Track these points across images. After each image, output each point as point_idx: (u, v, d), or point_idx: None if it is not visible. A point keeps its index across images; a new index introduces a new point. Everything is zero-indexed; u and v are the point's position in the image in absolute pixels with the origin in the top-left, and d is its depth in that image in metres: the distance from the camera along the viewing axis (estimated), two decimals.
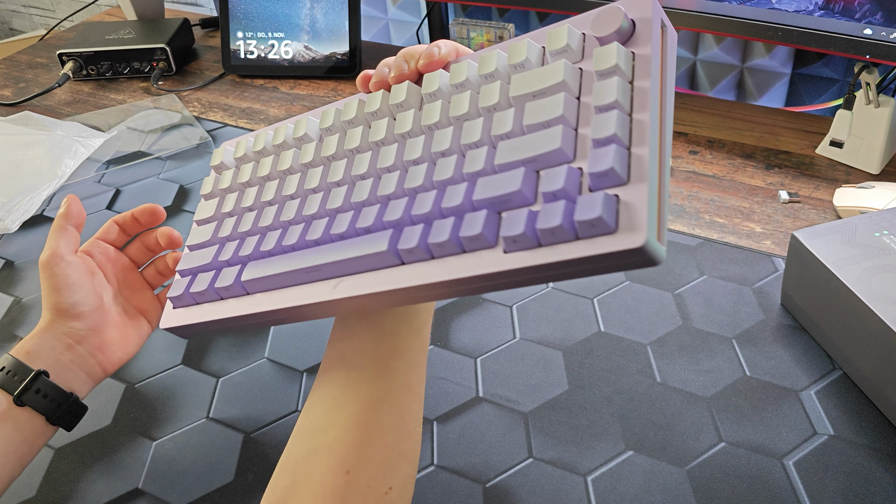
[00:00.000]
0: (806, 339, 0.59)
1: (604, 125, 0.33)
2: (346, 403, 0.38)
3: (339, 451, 0.37)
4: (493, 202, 0.35)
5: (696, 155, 0.83)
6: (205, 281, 0.47)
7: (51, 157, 0.89)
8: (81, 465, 0.54)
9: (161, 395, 0.59)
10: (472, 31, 0.96)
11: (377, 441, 0.37)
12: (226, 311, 0.46)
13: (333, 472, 0.36)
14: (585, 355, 0.59)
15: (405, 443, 0.39)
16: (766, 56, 0.95)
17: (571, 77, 0.36)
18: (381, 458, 0.37)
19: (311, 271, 0.41)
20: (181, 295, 0.48)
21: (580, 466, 0.51)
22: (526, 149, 0.35)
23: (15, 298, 0.70)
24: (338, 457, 0.36)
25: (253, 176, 0.50)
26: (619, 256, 0.30)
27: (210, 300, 0.47)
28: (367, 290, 0.38)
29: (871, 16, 0.68)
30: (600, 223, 0.30)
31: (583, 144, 0.34)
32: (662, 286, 0.65)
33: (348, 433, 0.37)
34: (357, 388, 0.39)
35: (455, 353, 0.60)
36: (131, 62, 1.10)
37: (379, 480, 0.37)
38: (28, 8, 1.91)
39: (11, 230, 0.79)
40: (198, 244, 0.50)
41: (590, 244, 0.31)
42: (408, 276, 0.37)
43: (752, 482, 0.49)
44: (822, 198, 0.75)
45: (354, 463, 0.36)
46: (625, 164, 0.32)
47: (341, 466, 0.36)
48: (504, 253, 0.34)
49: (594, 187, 0.32)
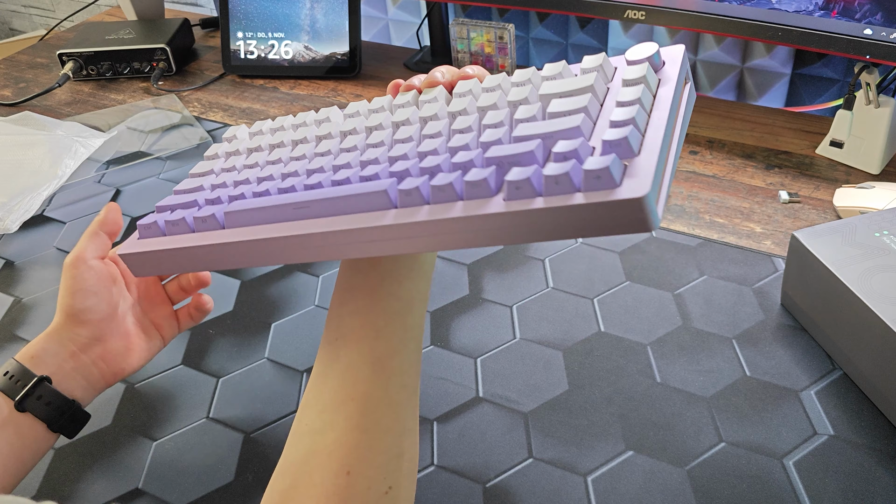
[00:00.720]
0: (806, 339, 0.59)
1: (624, 112, 0.34)
2: (343, 404, 0.38)
3: (339, 452, 0.37)
4: (503, 160, 0.34)
5: (696, 155, 0.83)
6: (182, 213, 0.44)
7: (51, 157, 0.89)
8: (81, 465, 0.54)
9: (161, 395, 0.59)
10: (472, 31, 0.96)
11: (376, 441, 0.37)
12: (193, 241, 0.43)
13: (334, 474, 0.36)
14: (585, 355, 0.59)
15: (404, 441, 0.39)
16: (766, 56, 0.95)
17: (600, 87, 0.37)
18: (380, 458, 0.37)
19: (300, 208, 0.39)
20: (150, 224, 0.45)
21: (580, 466, 0.51)
22: (545, 127, 0.35)
23: (15, 298, 0.70)
24: (338, 458, 0.36)
25: (263, 144, 0.48)
26: (617, 209, 0.30)
27: (181, 232, 0.44)
28: (352, 225, 0.37)
29: (871, 16, 0.68)
30: (606, 175, 0.30)
31: (600, 131, 0.35)
32: (662, 286, 0.65)
33: (347, 434, 0.37)
34: (353, 387, 0.39)
35: (455, 353, 0.60)
36: (131, 62, 1.10)
37: (379, 480, 0.37)
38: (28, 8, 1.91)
39: (11, 230, 0.79)
40: (186, 189, 0.48)
41: (591, 195, 0.31)
42: (398, 215, 0.36)
43: (752, 482, 0.49)
44: (822, 198, 0.75)
45: (354, 464, 0.36)
46: (637, 142, 0.33)
47: (342, 468, 0.36)
48: (505, 201, 0.33)
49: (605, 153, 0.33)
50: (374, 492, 0.36)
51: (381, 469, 0.37)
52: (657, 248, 0.69)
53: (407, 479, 0.38)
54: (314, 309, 0.66)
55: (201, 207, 0.45)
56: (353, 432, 0.37)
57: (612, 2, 0.82)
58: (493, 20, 1.12)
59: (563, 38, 1.08)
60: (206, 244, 0.42)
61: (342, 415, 0.38)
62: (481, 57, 0.98)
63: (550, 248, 0.70)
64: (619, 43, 1.04)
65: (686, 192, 0.77)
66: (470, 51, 0.98)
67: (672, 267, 0.67)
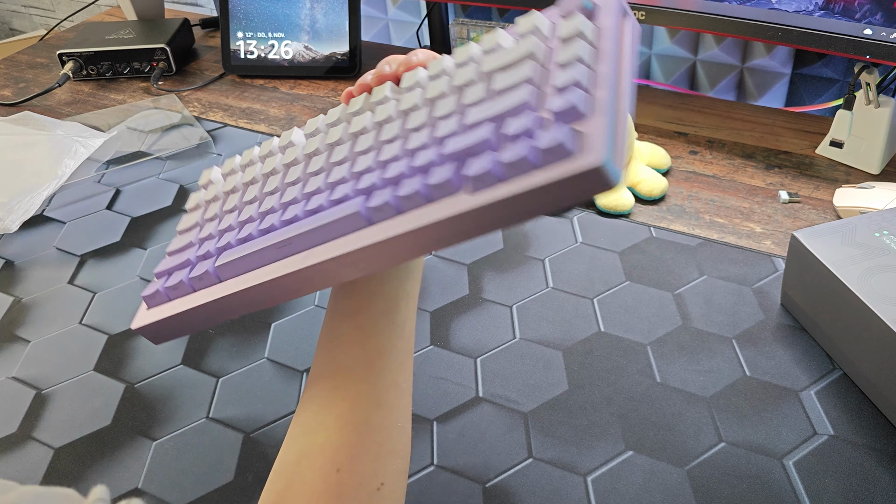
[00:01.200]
0: (806, 339, 0.59)
1: (567, 75, 0.34)
2: (334, 404, 0.39)
3: (330, 451, 0.37)
4: (460, 154, 0.35)
5: (696, 155, 0.83)
6: (179, 276, 0.46)
7: (51, 157, 0.89)
8: (81, 465, 0.54)
9: (161, 395, 0.59)
10: (472, 31, 0.96)
11: (366, 439, 0.38)
12: (197, 301, 0.44)
13: (325, 473, 0.36)
14: (585, 355, 0.59)
15: (395, 439, 0.39)
16: (766, 56, 0.95)
17: (539, 50, 0.38)
18: (371, 455, 0.38)
19: (283, 246, 0.40)
20: (154, 293, 0.47)
21: (580, 466, 0.51)
22: (494, 108, 0.36)
23: (15, 298, 0.70)
24: (328, 457, 0.37)
25: (238, 184, 0.49)
26: (579, 181, 0.31)
27: (183, 294, 0.46)
28: (336, 252, 0.38)
29: (872, 16, 0.68)
30: (560, 149, 0.31)
31: (549, 98, 0.35)
32: (662, 286, 0.65)
33: (337, 433, 0.38)
34: (344, 388, 0.39)
35: (455, 353, 0.60)
36: (131, 62, 1.10)
37: (370, 477, 0.37)
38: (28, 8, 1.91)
39: (11, 230, 0.79)
40: (177, 249, 0.49)
41: (551, 170, 0.32)
42: (376, 232, 0.37)
43: (752, 482, 0.49)
44: (822, 198, 0.75)
45: (345, 462, 0.37)
46: (586, 104, 0.33)
47: (332, 466, 0.36)
48: (471, 195, 0.34)
49: (557, 122, 0.33)
50: (365, 488, 0.37)
51: (372, 466, 0.37)
52: (657, 248, 0.69)
53: (398, 477, 0.39)
54: (314, 309, 0.66)
55: (194, 266, 0.46)
56: (344, 431, 0.38)
57: None
58: (494, 20, 1.12)
59: None
60: (208, 301, 0.43)
61: (333, 414, 0.38)
62: None
63: (550, 248, 0.70)
64: None
65: (686, 192, 0.77)
66: None
67: (672, 267, 0.67)
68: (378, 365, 0.40)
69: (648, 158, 0.78)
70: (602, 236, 0.71)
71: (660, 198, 0.76)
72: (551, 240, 0.71)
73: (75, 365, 0.62)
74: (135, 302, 0.69)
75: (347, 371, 0.40)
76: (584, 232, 0.72)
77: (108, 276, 0.72)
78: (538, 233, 0.72)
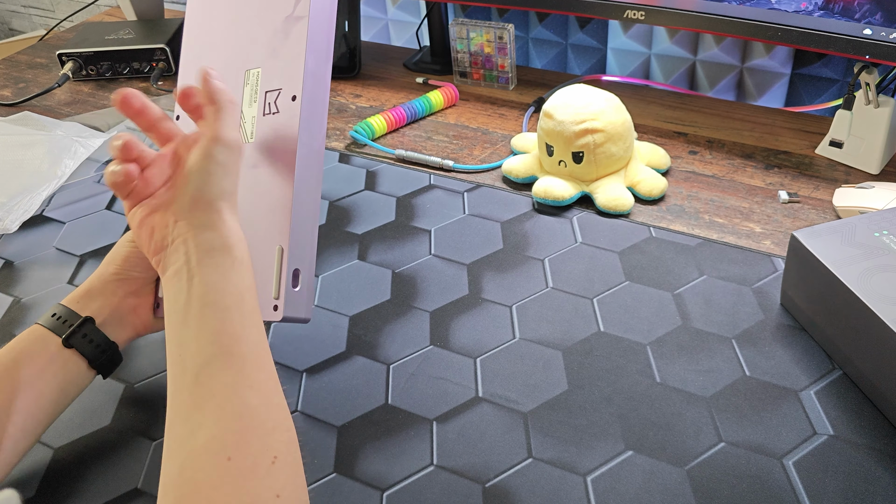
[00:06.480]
0: (806, 339, 0.59)
1: None
2: (204, 403, 0.40)
3: (215, 445, 0.38)
4: None
5: (695, 155, 0.83)
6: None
7: (50, 157, 0.88)
8: (81, 464, 0.54)
9: (161, 395, 0.59)
10: (471, 31, 0.96)
11: (249, 421, 0.39)
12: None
13: (216, 465, 0.37)
14: (585, 355, 0.59)
15: (274, 415, 0.41)
16: (766, 56, 0.95)
17: None
18: (257, 434, 0.39)
19: None
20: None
21: (580, 466, 0.51)
22: None
23: (15, 298, 0.70)
24: (216, 450, 0.38)
25: None
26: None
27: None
28: None
29: (871, 16, 0.68)
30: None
31: None
32: (662, 286, 0.65)
33: (218, 426, 0.39)
34: (210, 384, 0.40)
35: (455, 353, 0.60)
36: (131, 62, 1.10)
37: (261, 454, 0.38)
38: (28, 8, 1.91)
39: (11, 230, 0.79)
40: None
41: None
42: None
43: (752, 482, 0.49)
44: (822, 198, 0.75)
45: (233, 448, 0.38)
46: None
47: (222, 457, 0.37)
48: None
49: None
50: (260, 466, 0.38)
51: (261, 443, 0.39)
52: (657, 247, 0.69)
53: (289, 447, 0.41)
54: (313, 309, 0.66)
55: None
56: (224, 421, 0.39)
57: (612, 2, 0.82)
58: (493, 20, 1.12)
59: (563, 38, 1.08)
60: None
61: (208, 412, 0.39)
62: (481, 57, 0.98)
63: (550, 248, 0.70)
64: (619, 43, 1.04)
65: (686, 192, 0.77)
66: (469, 51, 0.98)
67: (672, 267, 0.67)
68: (238, 352, 0.42)
69: (648, 158, 0.79)
70: (602, 236, 0.71)
71: (659, 198, 0.76)
72: (551, 240, 0.71)
73: None
74: None
75: (208, 369, 0.41)
76: (584, 232, 0.72)
77: None
78: (538, 233, 0.72)
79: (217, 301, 0.43)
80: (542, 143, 0.77)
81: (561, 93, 0.76)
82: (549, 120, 0.74)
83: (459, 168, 0.83)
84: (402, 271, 0.69)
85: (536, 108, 0.93)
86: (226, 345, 0.42)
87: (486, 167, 0.82)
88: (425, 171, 0.83)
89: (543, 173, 0.78)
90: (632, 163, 0.76)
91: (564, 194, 0.74)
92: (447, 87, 0.96)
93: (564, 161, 0.75)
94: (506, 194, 0.78)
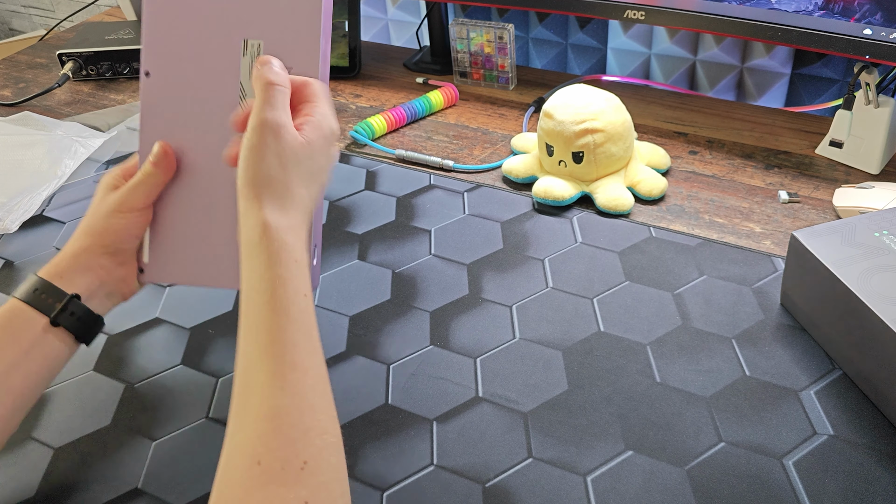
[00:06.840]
0: (806, 339, 0.59)
1: None
2: (248, 403, 0.40)
3: (248, 447, 0.38)
4: None
5: (695, 155, 0.83)
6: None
7: (51, 157, 0.88)
8: (81, 465, 0.54)
9: (161, 395, 0.59)
10: (471, 31, 0.96)
11: (279, 423, 0.39)
12: None
13: (247, 468, 0.37)
14: (585, 355, 0.59)
15: (307, 417, 0.40)
16: (766, 56, 0.95)
17: None
18: (287, 438, 0.38)
19: None
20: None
21: (580, 466, 0.51)
22: None
23: None
24: (248, 453, 0.38)
25: None
26: None
27: None
28: None
29: (871, 16, 0.68)
30: None
31: None
32: (662, 286, 0.65)
33: (252, 428, 0.39)
34: (250, 386, 0.40)
35: (455, 353, 0.60)
36: (131, 62, 1.10)
37: (291, 459, 0.38)
38: (28, 8, 1.91)
39: (11, 230, 0.79)
40: None
41: None
42: None
43: (752, 482, 0.49)
44: (822, 198, 0.75)
45: (263, 452, 0.38)
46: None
47: (253, 460, 0.37)
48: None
49: None
50: (288, 471, 0.37)
51: (292, 447, 0.38)
52: (657, 247, 0.69)
53: (324, 452, 0.39)
54: (316, 309, 0.65)
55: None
56: (257, 424, 0.39)
57: (612, 2, 0.82)
58: (493, 20, 1.12)
59: (563, 38, 1.08)
60: None
61: (248, 413, 0.40)
62: (481, 57, 0.98)
63: (550, 248, 0.70)
64: (619, 43, 1.04)
65: (686, 191, 0.77)
66: (469, 51, 0.98)
67: (672, 267, 0.67)
68: (271, 351, 0.41)
69: (648, 158, 0.79)
70: (602, 236, 0.71)
71: (659, 198, 0.76)
72: (551, 240, 0.71)
73: (75, 365, 0.62)
74: (134, 301, 0.68)
75: (249, 367, 0.41)
76: (584, 232, 0.72)
77: None
78: (538, 233, 0.72)
79: (250, 297, 0.43)
80: (542, 143, 0.77)
81: (561, 93, 0.76)
82: (549, 120, 0.74)
83: (459, 168, 0.83)
84: (402, 271, 0.69)
85: (536, 108, 0.93)
86: (262, 343, 0.42)
87: (486, 167, 0.82)
88: (425, 171, 0.83)
89: (543, 173, 0.78)
90: (632, 163, 0.76)
91: (564, 194, 0.74)
92: (447, 87, 0.96)
93: (564, 161, 0.75)
94: (506, 194, 0.78)
